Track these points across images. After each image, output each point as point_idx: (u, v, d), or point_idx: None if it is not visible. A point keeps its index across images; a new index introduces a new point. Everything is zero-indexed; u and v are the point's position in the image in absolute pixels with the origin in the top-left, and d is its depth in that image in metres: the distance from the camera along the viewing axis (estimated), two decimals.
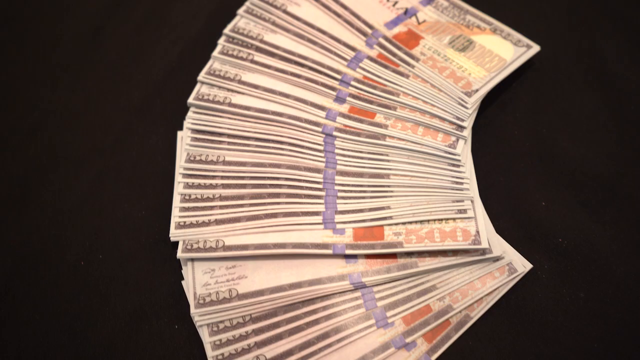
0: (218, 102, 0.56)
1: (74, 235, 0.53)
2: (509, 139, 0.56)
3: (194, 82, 0.57)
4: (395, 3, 0.61)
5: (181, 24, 0.64)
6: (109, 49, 0.63)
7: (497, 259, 0.49)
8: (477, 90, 0.55)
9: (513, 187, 0.54)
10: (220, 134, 0.55)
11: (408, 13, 0.61)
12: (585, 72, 0.59)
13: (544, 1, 0.65)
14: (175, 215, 0.51)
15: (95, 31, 0.65)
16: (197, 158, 0.54)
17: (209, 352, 0.46)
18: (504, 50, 0.58)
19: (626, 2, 0.63)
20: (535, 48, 0.58)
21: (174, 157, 0.55)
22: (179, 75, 0.61)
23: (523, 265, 0.49)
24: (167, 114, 0.58)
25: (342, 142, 0.54)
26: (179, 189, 0.52)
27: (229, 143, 0.54)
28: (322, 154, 0.53)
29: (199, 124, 0.55)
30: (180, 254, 0.49)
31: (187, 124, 0.56)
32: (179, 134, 0.56)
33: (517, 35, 0.59)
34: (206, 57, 0.59)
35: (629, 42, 0.61)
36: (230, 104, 0.55)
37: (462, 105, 0.54)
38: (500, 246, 0.49)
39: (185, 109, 0.57)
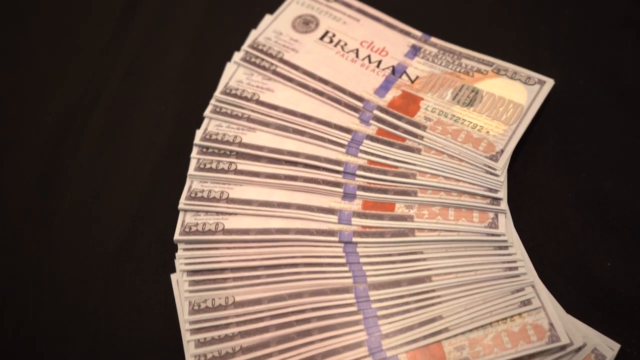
0: (210, 232, 0.47)
1: None
2: (547, 193, 0.49)
3: (174, 210, 0.49)
4: (379, 63, 0.54)
5: (144, 138, 0.55)
6: (67, 187, 0.54)
7: (579, 349, 0.42)
8: (502, 151, 0.47)
9: (569, 252, 0.46)
10: (222, 270, 0.46)
11: (397, 72, 0.53)
12: (607, 94, 0.53)
13: (541, 24, 0.57)
14: None
15: (49, 168, 0.55)
16: (202, 306, 0.45)
17: None
18: (516, 94, 0.50)
19: (630, 7, 0.57)
20: (550, 82, 0.51)
21: (174, 307, 0.47)
22: (154, 204, 0.52)
23: (610, 347, 0.42)
24: (152, 255, 0.49)
25: (366, 247, 0.46)
26: (190, 349, 0.44)
27: (234, 279, 0.46)
28: (346, 268, 0.45)
29: (194, 263, 0.46)
30: None
31: (179, 265, 0.47)
32: (173, 277, 0.48)
33: (524, 71, 0.52)
34: (181, 174, 0.50)
35: None
36: (225, 231, 0.47)
37: (491, 173, 0.46)
38: (579, 331, 0.42)
39: (172, 245, 0.48)
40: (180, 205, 0.49)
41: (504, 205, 0.46)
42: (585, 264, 0.46)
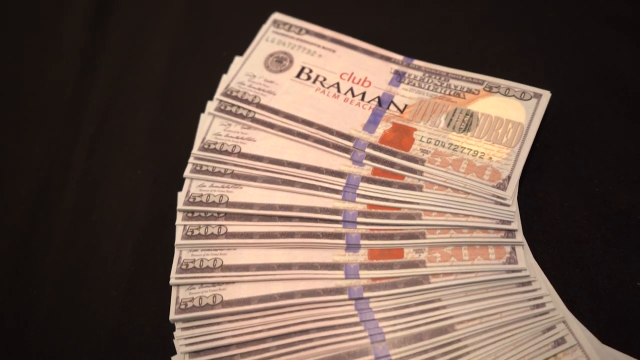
0: (208, 306, 0.43)
1: None
2: (561, 213, 0.46)
3: (166, 286, 0.45)
4: (363, 95, 0.50)
5: (122, 210, 0.50)
6: (44, 275, 0.49)
7: None
8: (509, 178, 0.44)
9: (593, 275, 0.43)
10: (227, 347, 0.42)
11: (383, 103, 0.50)
12: (610, 99, 0.50)
13: (526, 32, 0.54)
14: None
15: (22, 255, 0.49)
16: None
17: None
18: (513, 111, 0.47)
19: (612, 2, 0.54)
20: (546, 94, 0.48)
21: None
22: (143, 282, 0.47)
23: None
24: (148, 339, 0.45)
25: (379, 301, 0.42)
26: None
27: (242, 355, 0.42)
28: (361, 327, 0.42)
29: (196, 342, 0.42)
30: None
31: (180, 346, 0.43)
32: None
33: (518, 86, 0.49)
34: (168, 245, 0.47)
35: None
36: (224, 303, 0.43)
37: (501, 204, 0.43)
38: None
39: (168, 325, 0.44)
40: (172, 280, 0.45)
41: (520, 236, 0.43)
42: (612, 286, 0.43)
